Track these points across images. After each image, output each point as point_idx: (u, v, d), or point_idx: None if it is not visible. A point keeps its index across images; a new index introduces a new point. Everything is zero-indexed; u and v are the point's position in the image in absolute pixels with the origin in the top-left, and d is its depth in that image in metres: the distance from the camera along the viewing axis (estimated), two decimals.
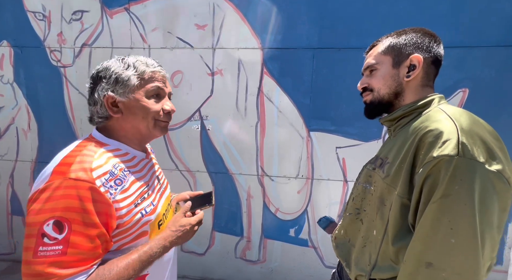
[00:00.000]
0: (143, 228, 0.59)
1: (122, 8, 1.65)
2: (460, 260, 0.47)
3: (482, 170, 0.46)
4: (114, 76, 0.59)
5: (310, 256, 1.75)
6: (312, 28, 1.53)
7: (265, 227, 1.77)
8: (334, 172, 1.65)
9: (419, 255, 0.50)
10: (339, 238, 0.74)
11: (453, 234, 0.47)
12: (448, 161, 0.47)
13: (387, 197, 0.58)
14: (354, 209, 0.71)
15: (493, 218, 0.48)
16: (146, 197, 0.62)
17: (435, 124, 0.52)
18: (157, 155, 1.78)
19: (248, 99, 1.66)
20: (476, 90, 1.46)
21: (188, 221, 0.64)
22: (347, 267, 0.69)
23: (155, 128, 0.64)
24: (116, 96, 0.59)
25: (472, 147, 0.47)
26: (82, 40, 1.71)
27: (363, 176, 0.70)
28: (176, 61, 1.67)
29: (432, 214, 0.49)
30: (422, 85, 0.64)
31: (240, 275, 1.84)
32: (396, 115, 0.64)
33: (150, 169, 0.70)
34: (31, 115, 1.84)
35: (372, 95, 0.67)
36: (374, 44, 0.70)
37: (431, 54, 0.62)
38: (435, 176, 0.48)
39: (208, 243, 1.85)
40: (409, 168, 0.53)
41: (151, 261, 0.57)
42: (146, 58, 0.65)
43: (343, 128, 1.59)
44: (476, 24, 1.40)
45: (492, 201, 0.47)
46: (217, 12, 1.59)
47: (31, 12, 1.70)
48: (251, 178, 1.74)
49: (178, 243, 0.63)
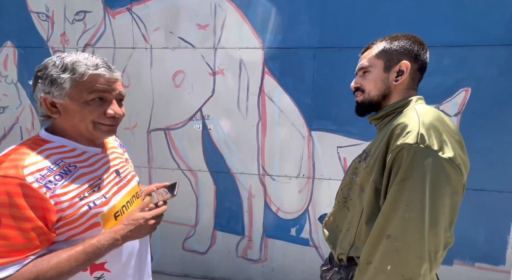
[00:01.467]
0: (93, 220, 0.60)
1: (124, 9, 1.66)
2: (411, 232, 0.57)
3: (435, 156, 0.56)
4: (49, 78, 0.58)
5: (312, 256, 1.76)
6: (313, 28, 1.53)
7: (266, 226, 1.78)
8: (335, 172, 1.65)
9: (381, 228, 0.60)
10: (328, 224, 0.83)
11: (407, 210, 0.57)
12: (408, 149, 0.57)
13: (365, 185, 0.67)
14: (342, 198, 0.79)
15: (445, 198, 0.57)
16: (96, 190, 0.63)
17: (404, 119, 0.62)
18: (158, 154, 1.81)
19: (250, 98, 1.66)
20: (478, 89, 1.45)
21: (142, 215, 0.63)
22: (333, 249, 0.78)
23: (95, 130, 0.63)
24: (52, 98, 0.58)
25: (429, 138, 0.57)
26: (84, 41, 1.72)
27: (351, 169, 0.78)
28: (178, 61, 1.68)
29: (393, 193, 0.59)
30: (407, 88, 0.71)
31: (241, 274, 1.85)
32: (381, 114, 0.72)
33: (105, 164, 0.69)
34: (35, 114, 1.86)
35: (363, 96, 0.74)
36: (369, 46, 0.76)
37: (418, 61, 0.70)
38: (399, 161, 0.58)
39: (209, 242, 1.86)
40: (382, 157, 0.63)
41: (98, 254, 0.57)
42: (90, 58, 0.61)
43: (344, 127, 1.59)
44: (478, 22, 1.40)
45: (443, 183, 0.56)
46: (219, 12, 1.60)
47: (34, 12, 1.72)
48: (252, 178, 1.75)
49: (131, 237, 0.63)
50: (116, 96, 0.64)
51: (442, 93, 1.49)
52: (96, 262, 0.60)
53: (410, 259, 0.57)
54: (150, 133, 1.80)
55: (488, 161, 1.49)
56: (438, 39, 1.44)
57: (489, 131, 1.47)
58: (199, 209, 1.83)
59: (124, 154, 0.82)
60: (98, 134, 0.64)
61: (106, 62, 0.63)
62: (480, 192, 1.52)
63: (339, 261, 0.74)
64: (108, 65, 0.63)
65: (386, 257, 0.59)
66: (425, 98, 1.56)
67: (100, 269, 0.63)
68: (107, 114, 0.62)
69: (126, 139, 1.82)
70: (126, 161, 0.81)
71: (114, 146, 0.79)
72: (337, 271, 0.75)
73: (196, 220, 1.85)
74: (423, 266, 0.56)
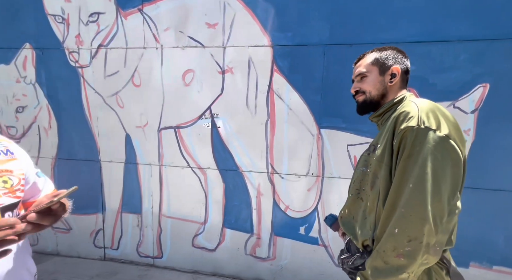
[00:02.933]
0: None
1: (136, 9, 1.69)
2: (414, 199, 0.65)
3: (433, 134, 0.66)
4: None
5: (321, 254, 1.74)
6: (323, 24, 1.51)
7: (275, 225, 1.78)
8: (345, 170, 1.63)
9: (392, 200, 0.69)
10: (345, 217, 0.88)
11: (412, 181, 0.65)
12: (411, 130, 0.67)
13: (378, 171, 0.75)
14: (355, 190, 0.85)
15: (446, 169, 0.65)
16: None
17: (405, 108, 0.73)
18: (168, 152, 1.85)
19: (258, 96, 1.66)
20: (497, 85, 1.39)
21: None
22: (354, 239, 0.83)
23: None
24: None
25: (428, 120, 0.67)
26: (98, 41, 1.77)
27: (361, 162, 0.85)
28: (188, 60, 1.70)
29: (401, 169, 0.68)
30: (400, 87, 0.84)
31: (250, 271, 1.86)
32: (381, 111, 0.84)
33: None
34: (52, 113, 1.93)
35: (365, 96, 0.85)
36: (361, 57, 0.88)
37: (404, 65, 0.84)
38: (404, 142, 0.68)
39: (218, 239, 1.87)
40: (390, 142, 0.73)
41: None
42: None
43: (355, 125, 1.57)
44: (497, 15, 1.34)
45: (443, 156, 0.65)
46: (228, 10, 1.60)
47: (51, 15, 1.79)
48: (261, 176, 1.75)
49: None
50: None
51: (458, 90, 1.44)
52: None
53: (414, 221, 0.64)
54: (160, 131, 1.83)
55: (507, 160, 1.42)
56: (454, 34, 1.39)
57: (509, 129, 1.41)
58: (208, 207, 1.86)
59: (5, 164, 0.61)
60: None
61: None
62: (498, 192, 1.46)
63: (364, 247, 0.79)
64: None
65: (394, 223, 0.67)
66: (440, 94, 1.52)
67: None
68: None
69: (138, 137, 1.87)
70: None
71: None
72: (360, 256, 0.80)
73: (205, 218, 1.87)
74: (425, 226, 0.64)
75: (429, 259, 0.67)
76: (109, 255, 2.05)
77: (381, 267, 0.68)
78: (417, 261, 0.64)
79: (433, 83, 1.45)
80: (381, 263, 0.68)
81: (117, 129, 1.88)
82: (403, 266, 0.65)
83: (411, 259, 0.64)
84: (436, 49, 1.42)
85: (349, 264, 0.82)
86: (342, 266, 0.87)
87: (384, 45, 0.87)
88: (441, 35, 1.40)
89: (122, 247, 2.03)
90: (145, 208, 1.94)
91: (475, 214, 1.49)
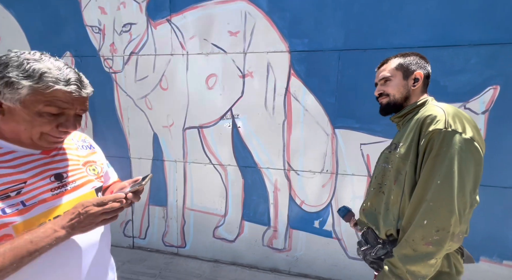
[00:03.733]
0: (2, 231, 0.51)
1: (165, 20, 1.86)
2: (442, 194, 0.71)
3: (459, 137, 0.71)
4: (6, 79, 0.51)
5: (334, 247, 1.84)
6: (337, 31, 1.61)
7: (291, 218, 1.90)
8: (358, 168, 1.72)
9: (420, 195, 0.75)
10: (367, 209, 0.94)
11: (440, 178, 0.71)
12: (439, 132, 0.72)
13: (402, 168, 0.81)
14: (377, 184, 0.91)
15: (470, 168, 0.71)
16: (12, 195, 0.53)
17: (431, 112, 0.77)
18: (192, 150, 2.00)
19: (276, 98, 1.79)
20: (507, 86, 1.44)
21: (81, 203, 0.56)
22: (376, 230, 0.88)
23: (40, 140, 0.57)
24: (0, 98, 0.52)
25: (454, 123, 0.72)
26: (130, 49, 1.95)
27: (382, 159, 0.93)
28: (211, 65, 1.84)
29: (429, 167, 0.74)
30: (421, 91, 0.89)
31: (267, 261, 1.98)
32: (404, 112, 0.89)
33: (38, 166, 0.60)
34: (88, 114, 2.14)
35: (389, 98, 0.90)
36: (385, 61, 0.93)
37: (426, 70, 0.88)
38: (432, 143, 0.74)
39: (237, 231, 2.01)
40: (416, 142, 0.78)
41: (30, 252, 0.49)
42: (64, 70, 0.55)
43: (368, 125, 1.66)
44: (507, 20, 1.39)
45: (467, 156, 0.71)
46: (248, 19, 1.73)
47: (89, 26, 1.98)
48: (278, 172, 1.87)
49: (74, 227, 0.54)
50: (76, 112, 0.59)
51: (469, 92, 1.50)
52: None
53: (442, 213, 0.71)
54: (185, 131, 1.99)
55: None
56: (465, 38, 1.45)
57: None
58: (228, 201, 2.00)
59: (90, 156, 0.73)
60: (42, 144, 0.58)
61: (80, 78, 0.57)
62: (509, 190, 1.51)
63: (388, 237, 0.85)
64: (81, 80, 0.58)
65: (423, 215, 0.72)
66: (451, 96, 1.59)
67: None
68: (60, 129, 0.57)
69: (164, 136, 2.04)
70: (85, 164, 0.70)
71: (70, 147, 0.70)
72: (382, 247, 0.85)
73: (225, 211, 2.02)
74: (452, 218, 0.70)
75: (453, 246, 0.75)
76: (137, 244, 2.24)
77: (410, 254, 0.73)
78: (444, 248, 0.71)
79: (444, 85, 1.52)
80: (410, 251, 0.73)
81: (146, 129, 2.06)
82: (431, 252, 0.71)
83: (439, 246, 0.71)
84: (447, 53, 1.49)
85: (372, 254, 0.87)
86: (364, 257, 0.92)
87: (396, 50, 0.93)
88: (452, 40, 1.47)
89: (149, 237, 2.21)
90: (170, 201, 2.11)
91: (486, 211, 1.55)
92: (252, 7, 1.71)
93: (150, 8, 1.86)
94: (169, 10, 1.83)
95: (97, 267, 0.66)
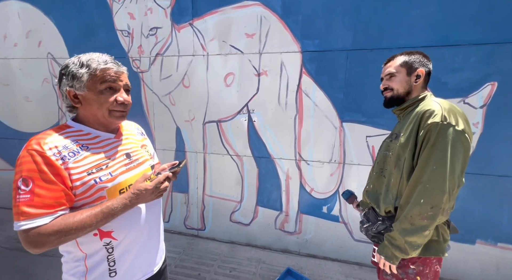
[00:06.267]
0: (98, 193, 0.70)
1: (187, 24, 2.04)
2: (437, 177, 0.82)
3: (453, 129, 0.82)
4: (71, 74, 0.70)
5: (341, 231, 2.02)
6: (346, 32, 1.75)
7: (301, 204, 2.08)
8: (364, 158, 1.88)
9: (417, 178, 0.86)
10: (370, 191, 1.07)
11: (435, 163, 0.82)
12: (436, 125, 0.83)
13: (401, 155, 0.92)
14: (379, 169, 1.03)
15: (460, 155, 0.83)
16: (103, 168, 0.72)
17: (430, 106, 0.88)
18: (212, 142, 2.20)
19: (289, 95, 1.95)
20: (504, 83, 1.56)
21: (144, 186, 0.73)
22: (377, 208, 1.00)
23: (110, 116, 0.74)
24: (74, 90, 0.71)
25: (449, 117, 0.83)
26: (156, 51, 2.15)
27: (384, 147, 1.04)
28: (229, 65, 2.02)
29: (426, 154, 0.84)
30: (422, 87, 0.98)
31: (279, 243, 2.18)
32: (405, 105, 0.99)
33: (115, 147, 0.79)
34: None
35: (392, 93, 1.00)
36: (391, 58, 1.02)
37: (427, 68, 0.97)
38: (429, 134, 0.84)
39: (252, 216, 2.21)
40: (415, 133, 0.89)
41: (112, 214, 0.68)
42: (100, 56, 0.73)
43: (373, 119, 1.80)
44: (504, 21, 1.50)
45: (459, 146, 0.82)
46: (264, 22, 1.90)
47: (119, 30, 2.19)
48: (290, 162, 2.04)
49: (138, 202, 0.72)
50: (123, 86, 0.76)
51: (468, 88, 1.62)
52: (104, 230, 0.71)
53: (436, 193, 0.82)
54: (205, 124, 2.19)
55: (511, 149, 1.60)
56: (465, 38, 1.57)
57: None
58: (244, 188, 2.19)
59: (144, 141, 0.92)
60: (112, 120, 0.76)
61: (113, 59, 0.76)
62: (504, 178, 1.64)
63: (386, 213, 0.97)
64: (115, 61, 0.76)
65: (420, 194, 0.84)
66: (452, 92, 1.74)
67: (108, 236, 0.73)
68: (117, 101, 0.73)
69: (186, 129, 2.24)
70: (142, 147, 0.89)
71: (131, 133, 0.89)
72: (381, 223, 0.97)
73: (241, 197, 2.21)
74: (444, 196, 0.82)
75: (442, 219, 0.87)
76: None
77: (408, 228, 0.85)
78: (436, 221, 0.84)
79: (445, 82, 1.65)
80: (408, 225, 0.85)
81: (170, 123, 2.26)
82: (426, 225, 0.83)
83: (432, 220, 0.83)
84: (448, 53, 1.61)
85: (373, 230, 0.99)
86: (366, 233, 1.04)
87: (400, 50, 1.02)
88: (452, 40, 1.59)
89: (172, 220, 2.44)
90: (192, 189, 2.33)
91: (482, 197, 1.68)
92: (267, 11, 1.87)
93: (174, 14, 2.05)
94: (192, 15, 2.01)
95: (153, 217, 0.85)
